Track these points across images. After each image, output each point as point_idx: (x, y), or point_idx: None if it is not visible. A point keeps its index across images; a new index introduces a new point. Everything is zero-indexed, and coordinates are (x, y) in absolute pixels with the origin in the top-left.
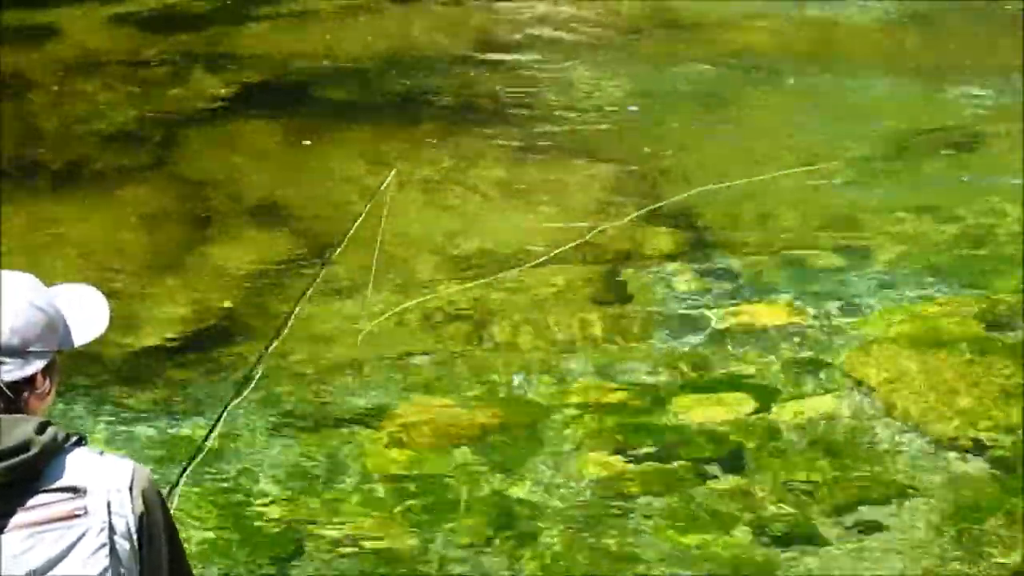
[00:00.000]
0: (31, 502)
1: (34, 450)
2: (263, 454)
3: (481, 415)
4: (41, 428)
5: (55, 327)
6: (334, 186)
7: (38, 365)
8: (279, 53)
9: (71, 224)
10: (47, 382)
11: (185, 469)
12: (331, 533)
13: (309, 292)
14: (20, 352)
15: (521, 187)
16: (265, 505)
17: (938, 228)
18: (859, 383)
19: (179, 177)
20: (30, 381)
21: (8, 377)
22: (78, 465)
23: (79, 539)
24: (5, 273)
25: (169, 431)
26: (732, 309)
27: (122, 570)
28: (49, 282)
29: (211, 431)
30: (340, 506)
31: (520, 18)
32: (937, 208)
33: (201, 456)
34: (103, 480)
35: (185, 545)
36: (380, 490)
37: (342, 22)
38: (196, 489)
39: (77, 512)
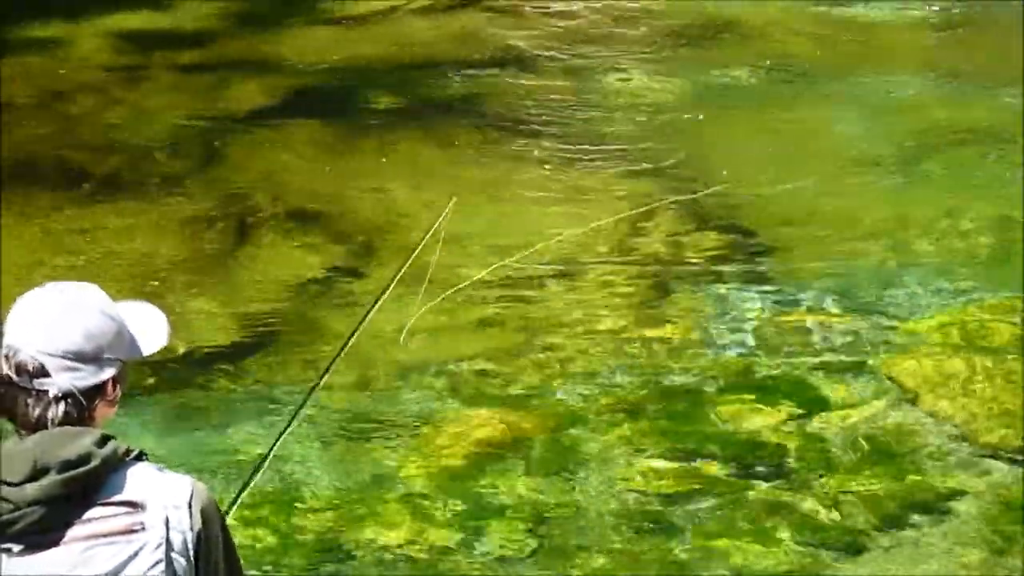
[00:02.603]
0: (89, 515)
1: (94, 463)
2: (307, 462)
3: (523, 420)
4: (102, 441)
5: (123, 336)
6: (379, 193)
7: (110, 372)
8: (321, 59)
9: (113, 232)
10: (116, 390)
11: (244, 487)
12: (375, 540)
13: (369, 315)
14: (95, 359)
15: (560, 193)
16: (310, 512)
17: (982, 230)
18: (903, 387)
19: (221, 184)
20: (102, 388)
21: (82, 383)
22: (137, 480)
23: (136, 554)
24: (73, 284)
25: (209, 441)
26: (776, 312)
27: None
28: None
29: (272, 447)
30: (383, 513)
31: (563, 22)
32: (981, 210)
33: (260, 474)
34: (162, 496)
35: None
36: (423, 497)
37: (383, 27)
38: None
39: (135, 527)
